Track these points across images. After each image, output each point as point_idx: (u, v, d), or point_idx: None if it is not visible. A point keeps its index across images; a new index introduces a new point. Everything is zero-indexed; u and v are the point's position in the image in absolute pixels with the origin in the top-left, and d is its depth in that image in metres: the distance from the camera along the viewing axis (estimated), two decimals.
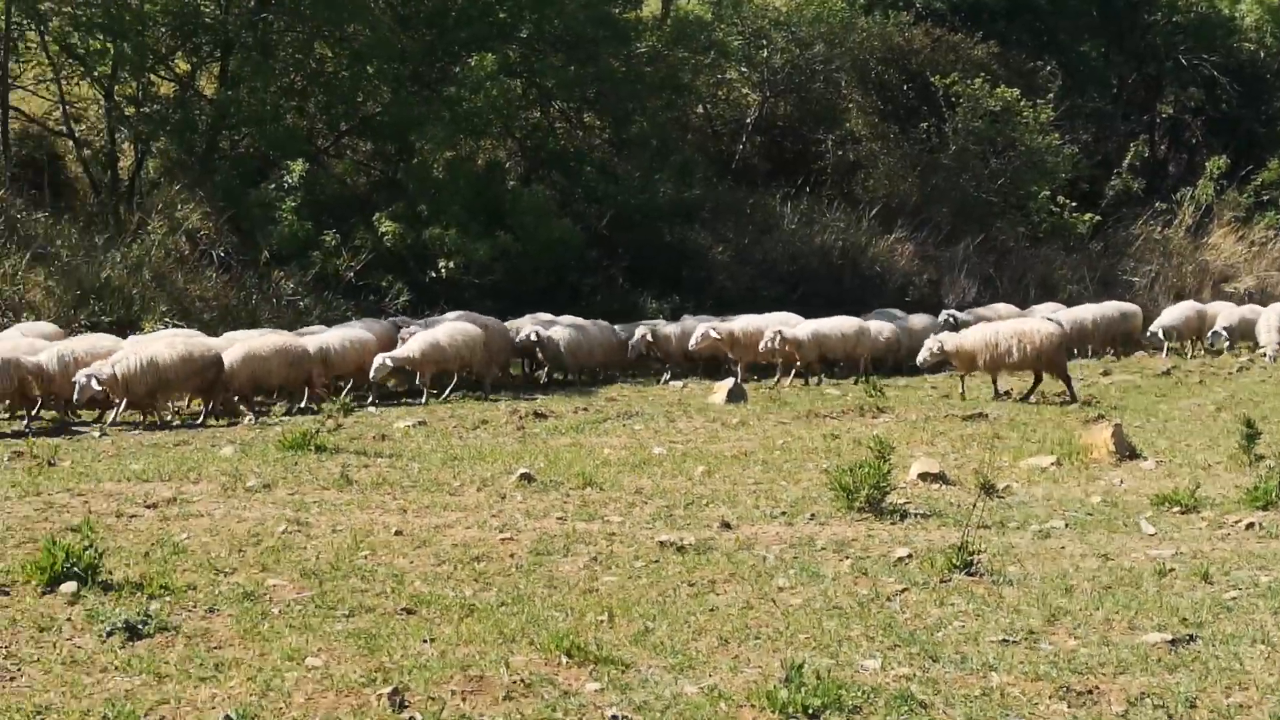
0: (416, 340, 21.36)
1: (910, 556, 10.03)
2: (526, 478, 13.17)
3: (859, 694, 7.16)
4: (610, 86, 32.56)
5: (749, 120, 39.39)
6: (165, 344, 19.19)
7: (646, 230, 32.15)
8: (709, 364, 25.23)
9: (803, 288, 32.34)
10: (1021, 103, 36.16)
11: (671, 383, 23.71)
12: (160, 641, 8.23)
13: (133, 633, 8.28)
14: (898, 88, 39.32)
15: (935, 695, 7.23)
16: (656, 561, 10.05)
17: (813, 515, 11.59)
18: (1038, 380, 20.65)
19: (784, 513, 11.78)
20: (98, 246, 26.48)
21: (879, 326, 25.13)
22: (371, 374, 20.92)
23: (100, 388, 18.19)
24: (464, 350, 21.75)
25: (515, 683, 7.42)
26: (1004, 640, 8.12)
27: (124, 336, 21.22)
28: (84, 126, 31.88)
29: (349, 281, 27.93)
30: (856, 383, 22.84)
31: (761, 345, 22.68)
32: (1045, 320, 22.06)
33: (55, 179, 30.64)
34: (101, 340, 20.23)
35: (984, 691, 7.29)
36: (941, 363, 21.97)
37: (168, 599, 9.02)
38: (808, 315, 25.27)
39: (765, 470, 13.98)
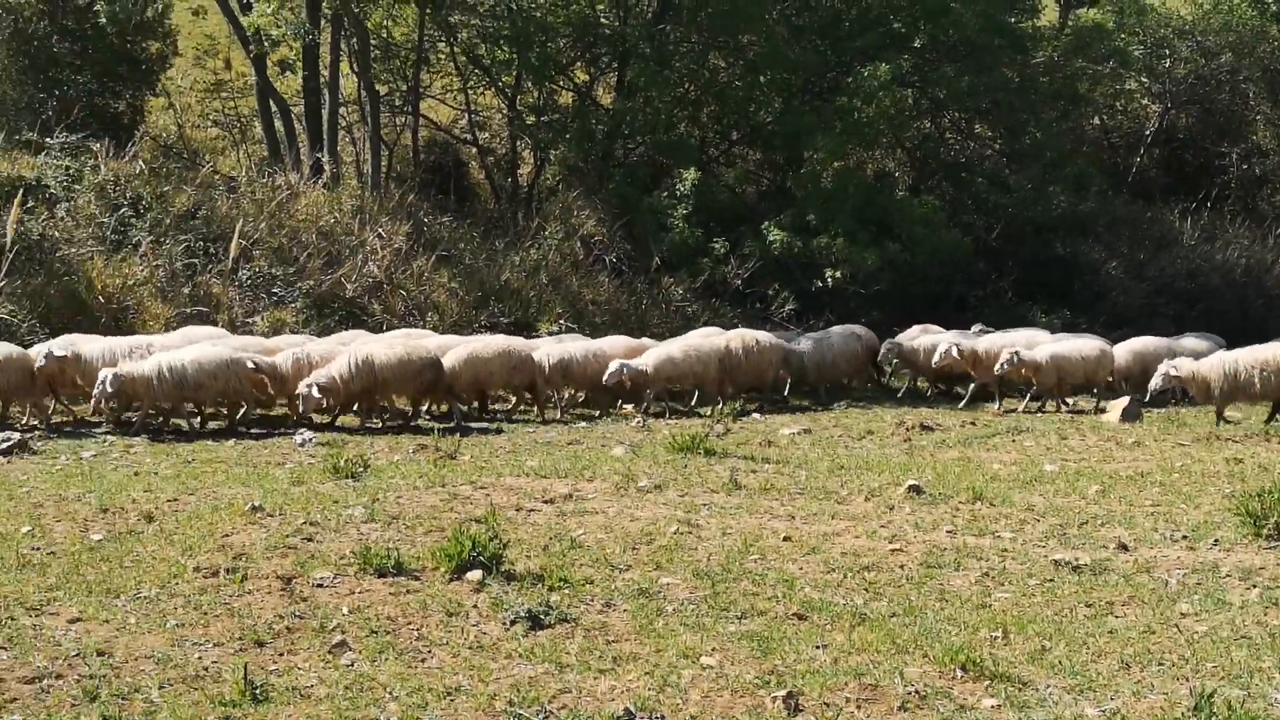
0: (651, 353, 20.95)
1: None
2: (915, 490, 13.04)
3: None
4: (1004, 96, 31.94)
5: (1148, 132, 38.14)
6: (384, 346, 19.18)
7: (1038, 243, 31.44)
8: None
9: (1201, 305, 31.10)
10: None
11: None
12: (560, 632, 8.49)
13: (535, 622, 8.58)
14: None
15: None
16: (1051, 580, 9.82)
17: (1216, 541, 11.10)
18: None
19: (1184, 536, 11.33)
20: (498, 250, 27.50)
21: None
22: (606, 378, 20.28)
23: (320, 395, 18.14)
24: (697, 366, 21.14)
25: (910, 694, 7.37)
26: None
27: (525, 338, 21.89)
28: (487, 134, 33.20)
29: (736, 289, 28.19)
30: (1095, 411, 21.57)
31: (996, 366, 21.52)
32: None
33: (460, 184, 31.99)
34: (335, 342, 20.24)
35: None
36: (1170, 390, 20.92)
37: (566, 591, 9.29)
38: (1214, 333, 24.10)
39: (1163, 492, 13.46)
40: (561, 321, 25.27)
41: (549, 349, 20.69)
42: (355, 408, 19.18)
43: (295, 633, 8.49)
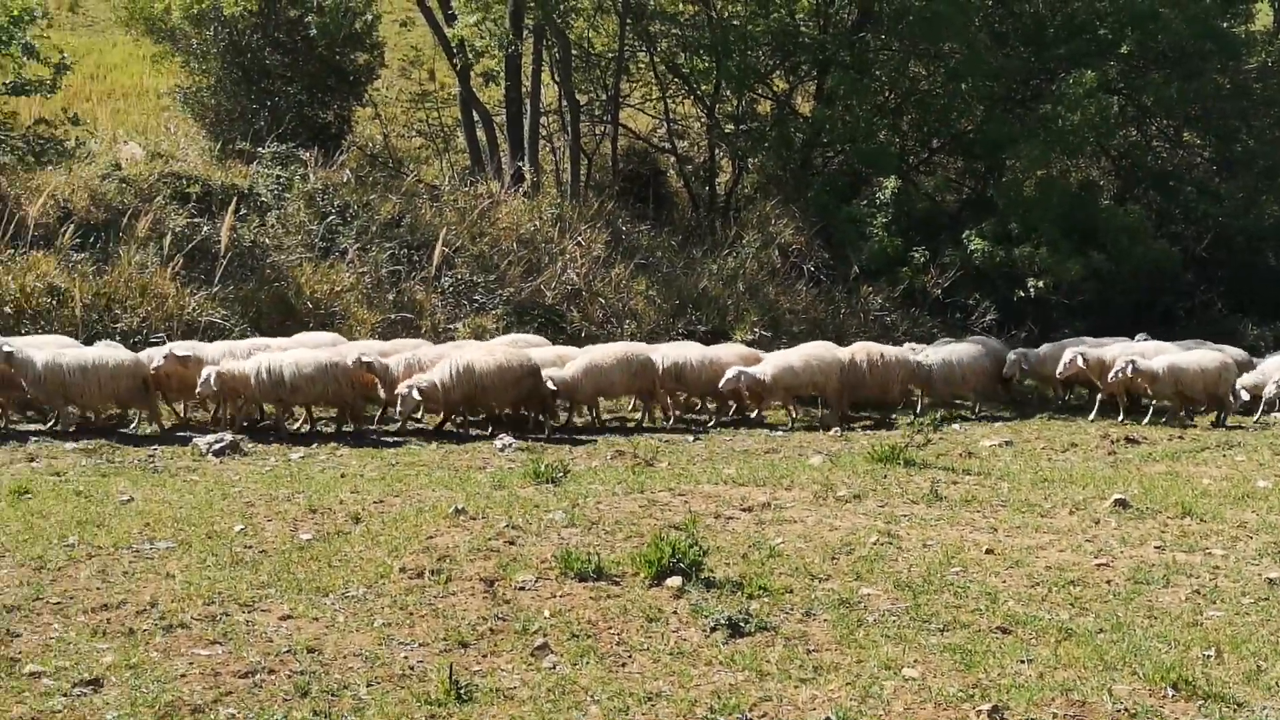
0: (770, 360, 20.57)
1: None
2: (1121, 504, 12.75)
3: None
4: (1214, 103, 31.14)
5: None
6: (484, 352, 18.98)
7: (1249, 253, 30.56)
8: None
9: None
10: None
11: None
12: (760, 640, 8.48)
13: (735, 630, 8.58)
14: None
15: None
16: (1266, 599, 9.53)
17: None
18: None
19: None
20: (695, 258, 27.58)
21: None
22: (722, 384, 19.92)
23: (420, 399, 18.06)
24: (818, 375, 20.67)
25: (1120, 711, 7.23)
26: None
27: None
28: (685, 143, 33.27)
29: (935, 298, 27.90)
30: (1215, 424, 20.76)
31: (1110, 375, 20.72)
32: None
33: (658, 193, 32.11)
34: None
35: None
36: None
37: (765, 600, 9.28)
38: None
39: None
40: (757, 330, 25.24)
41: (665, 353, 20.57)
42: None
43: (498, 634, 8.60)
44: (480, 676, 7.88)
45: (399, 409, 18.24)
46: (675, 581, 9.47)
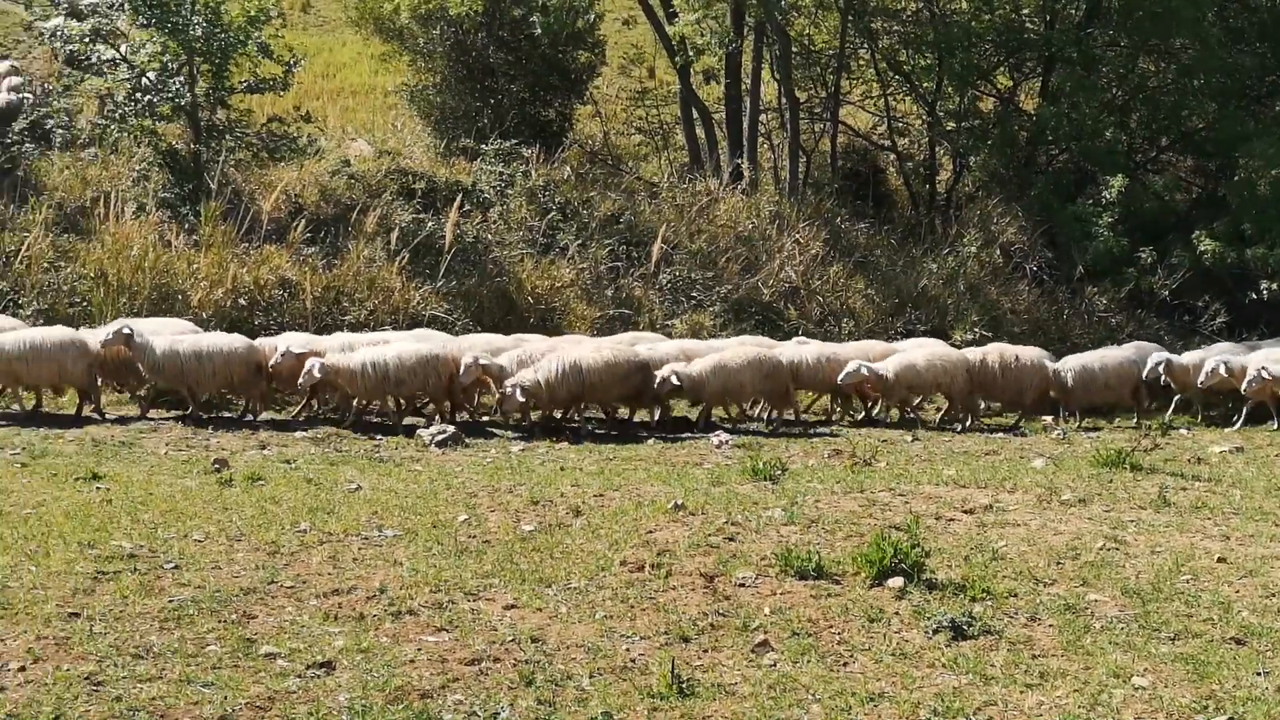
0: (894, 359, 19.95)
1: None
2: None
3: None
4: None
5: None
6: (591, 350, 18.63)
7: None
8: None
9: None
10: None
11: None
12: (984, 644, 8.37)
13: (957, 632, 8.47)
14: None
15: None
16: None
17: None
18: None
19: None
20: (915, 257, 27.33)
21: None
22: (842, 377, 19.38)
23: (524, 398, 17.71)
24: (942, 376, 19.98)
25: None
26: None
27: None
28: (906, 140, 32.96)
29: (1163, 300, 27.20)
30: None
31: (1200, 378, 19.74)
32: None
33: (877, 191, 31.88)
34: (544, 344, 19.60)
35: None
36: None
37: (989, 603, 9.14)
38: None
39: None
40: (977, 330, 24.89)
41: (784, 351, 20.17)
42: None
43: (718, 630, 8.62)
44: (701, 671, 7.91)
45: (502, 407, 18.12)
46: (897, 582, 9.39)
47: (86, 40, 24.61)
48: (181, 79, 23.90)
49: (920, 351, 20.41)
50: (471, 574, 9.69)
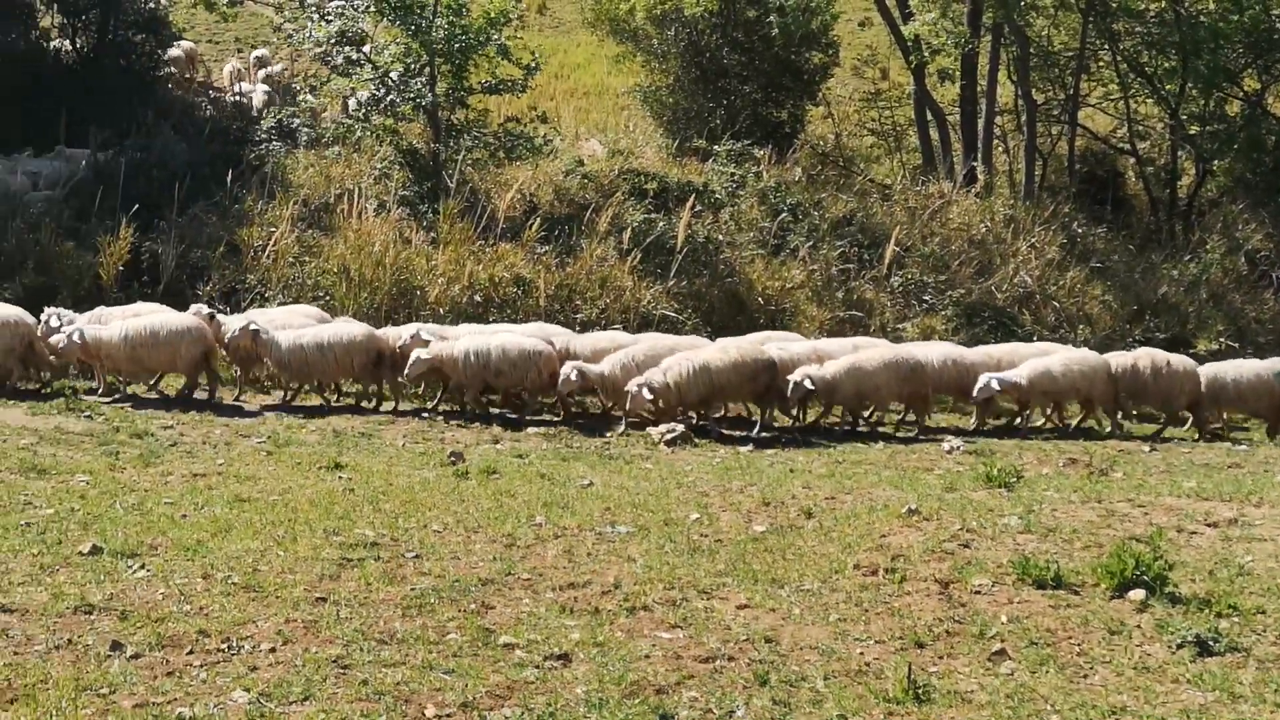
0: (1028, 365, 19.00)
1: None
2: None
3: None
4: None
5: None
6: (718, 350, 18.10)
7: None
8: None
9: None
10: None
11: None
12: (1231, 661, 8.13)
13: (1203, 648, 8.24)
14: None
15: None
16: None
17: None
18: None
19: None
20: (1154, 263, 26.64)
21: None
22: (976, 391, 18.69)
23: (651, 397, 17.34)
24: (1079, 381, 19.07)
25: None
26: None
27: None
28: (1146, 144, 32.14)
29: None
30: None
31: None
32: None
33: (1115, 195, 31.18)
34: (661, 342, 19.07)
35: None
36: None
37: (1235, 619, 8.86)
38: None
39: None
40: (1222, 339, 24.16)
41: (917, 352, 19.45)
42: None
43: (954, 637, 8.52)
44: (937, 678, 7.82)
45: (627, 407, 17.69)
46: (1138, 594, 9.16)
47: (333, 42, 25.36)
48: (423, 79, 24.47)
49: (1055, 357, 19.60)
50: (705, 572, 9.73)
